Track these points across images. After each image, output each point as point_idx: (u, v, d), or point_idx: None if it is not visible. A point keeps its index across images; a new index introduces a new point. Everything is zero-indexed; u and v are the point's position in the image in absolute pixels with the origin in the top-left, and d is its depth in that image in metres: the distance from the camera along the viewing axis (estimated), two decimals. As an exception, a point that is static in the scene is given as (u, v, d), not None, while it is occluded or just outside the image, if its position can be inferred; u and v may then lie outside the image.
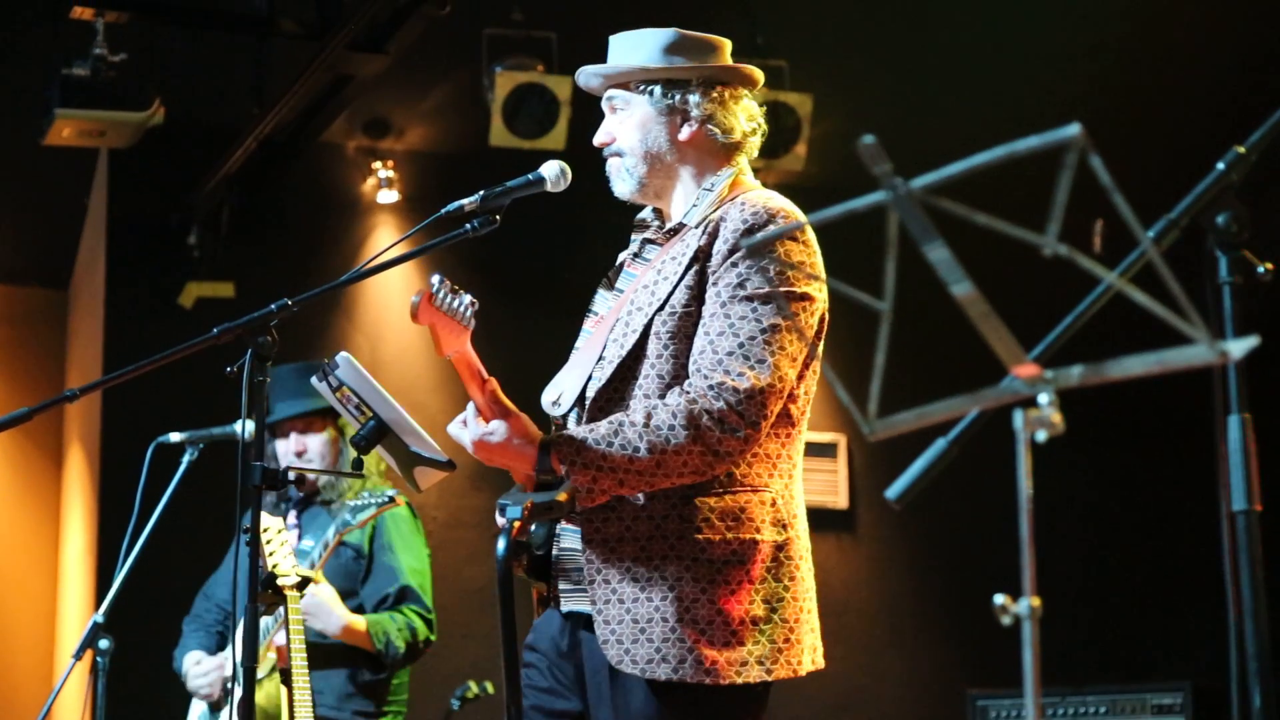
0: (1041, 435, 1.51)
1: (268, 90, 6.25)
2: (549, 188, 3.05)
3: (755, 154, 3.10)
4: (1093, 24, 6.69)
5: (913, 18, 6.67)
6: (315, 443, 4.89)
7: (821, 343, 2.94)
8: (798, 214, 2.90)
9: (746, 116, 3.04)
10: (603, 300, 3.08)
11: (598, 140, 3.07)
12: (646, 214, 3.12)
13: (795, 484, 2.94)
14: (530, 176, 3.03)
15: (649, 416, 2.77)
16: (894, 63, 6.96)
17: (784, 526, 2.88)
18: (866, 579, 7.83)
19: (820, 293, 2.89)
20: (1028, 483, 1.55)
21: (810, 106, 6.87)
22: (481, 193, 2.97)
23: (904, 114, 7.03)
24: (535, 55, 6.74)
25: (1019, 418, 1.53)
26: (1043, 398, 1.51)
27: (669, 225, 3.02)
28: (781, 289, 2.84)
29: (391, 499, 4.43)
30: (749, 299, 2.82)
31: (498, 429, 2.82)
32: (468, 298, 2.79)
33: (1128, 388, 1.77)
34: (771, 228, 2.86)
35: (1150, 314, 1.41)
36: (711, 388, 2.77)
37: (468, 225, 2.96)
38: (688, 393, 2.79)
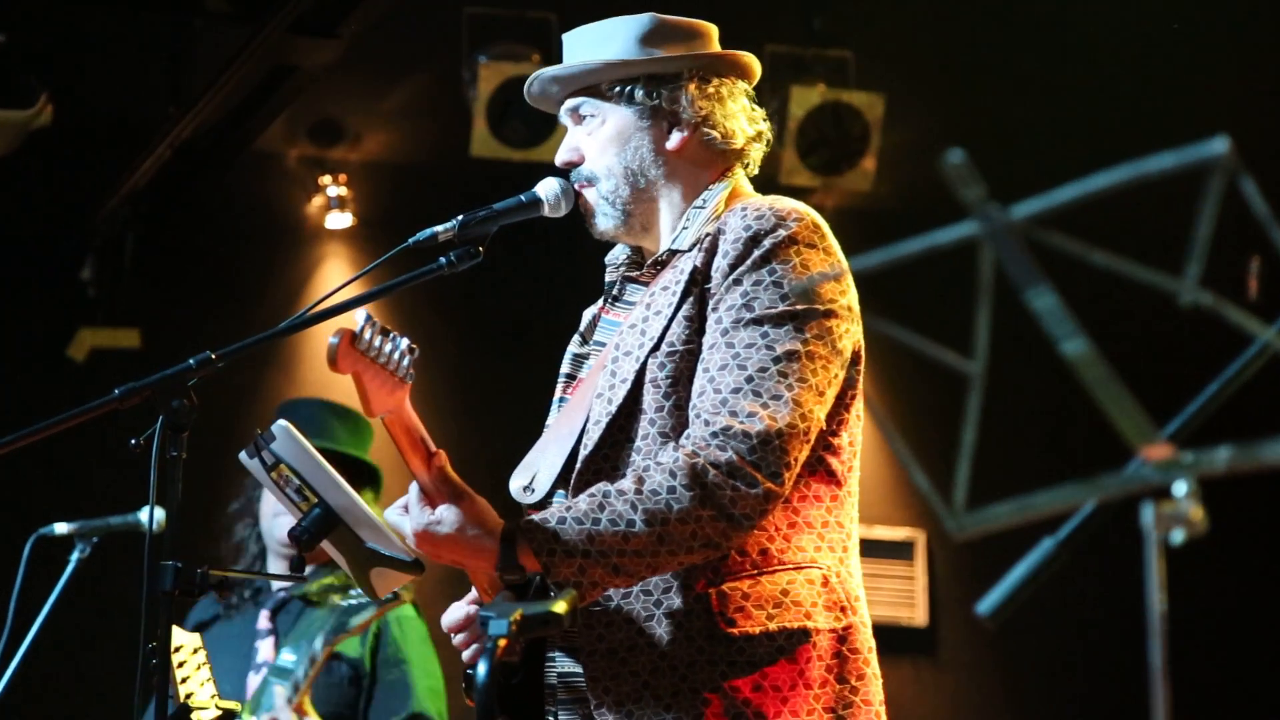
0: (1178, 536, 1.51)
1: (187, 84, 6.28)
2: (547, 212, 3.06)
3: (756, 167, 3.13)
4: (1246, 13, 6.70)
5: (1012, -2, 6.70)
6: None
7: (860, 383, 2.93)
8: (813, 215, 2.93)
9: (748, 117, 3.09)
10: (578, 362, 3.12)
11: (560, 158, 3.10)
12: (618, 253, 3.16)
13: (851, 559, 2.95)
14: (523, 198, 3.05)
15: (640, 481, 2.76)
16: (986, 57, 6.97)
17: (843, 610, 2.88)
18: (951, 716, 7.80)
19: (850, 313, 2.90)
20: (1160, 596, 1.55)
21: (881, 109, 6.90)
22: (460, 217, 2.98)
23: (999, 121, 7.04)
24: (529, 42, 6.76)
25: (1149, 513, 1.53)
26: (1179, 487, 1.51)
27: (654, 257, 3.05)
28: (799, 306, 2.84)
29: (397, 595, 4.35)
30: (757, 322, 2.83)
31: (446, 517, 2.81)
32: (404, 343, 2.79)
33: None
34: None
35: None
36: (715, 435, 2.76)
37: (442, 259, 2.97)
38: (685, 445, 2.78)
